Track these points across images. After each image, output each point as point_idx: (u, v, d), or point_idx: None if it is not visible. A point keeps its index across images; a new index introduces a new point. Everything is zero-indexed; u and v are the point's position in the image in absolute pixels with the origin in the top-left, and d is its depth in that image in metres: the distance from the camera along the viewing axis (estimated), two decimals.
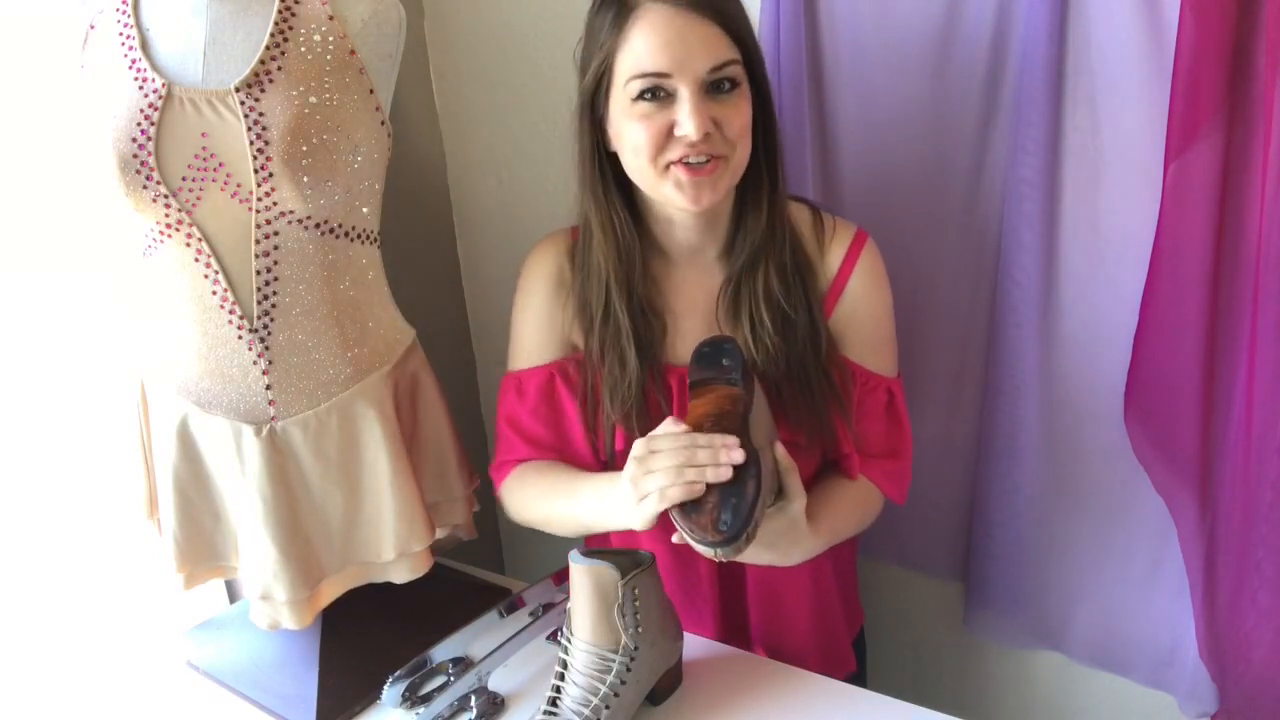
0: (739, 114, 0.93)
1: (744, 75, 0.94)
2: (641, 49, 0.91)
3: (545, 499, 1.08)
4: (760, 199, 1.01)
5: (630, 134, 0.94)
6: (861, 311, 1.07)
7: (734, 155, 0.95)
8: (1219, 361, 1.06)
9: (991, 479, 1.25)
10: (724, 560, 0.87)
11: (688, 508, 0.86)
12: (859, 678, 1.23)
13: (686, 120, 0.90)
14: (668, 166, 0.94)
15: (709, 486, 0.85)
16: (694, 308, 1.06)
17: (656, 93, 0.92)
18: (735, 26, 0.93)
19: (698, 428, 0.89)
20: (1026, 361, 1.18)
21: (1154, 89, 1.04)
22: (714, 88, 0.92)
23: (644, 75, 0.91)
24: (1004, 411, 1.22)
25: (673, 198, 0.95)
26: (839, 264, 1.06)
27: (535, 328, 1.10)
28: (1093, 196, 1.11)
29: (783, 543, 0.94)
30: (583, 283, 1.05)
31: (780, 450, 0.92)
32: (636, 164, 0.96)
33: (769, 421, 0.97)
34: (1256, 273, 0.98)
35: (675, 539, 0.89)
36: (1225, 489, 1.08)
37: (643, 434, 0.94)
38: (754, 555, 0.93)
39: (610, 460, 1.06)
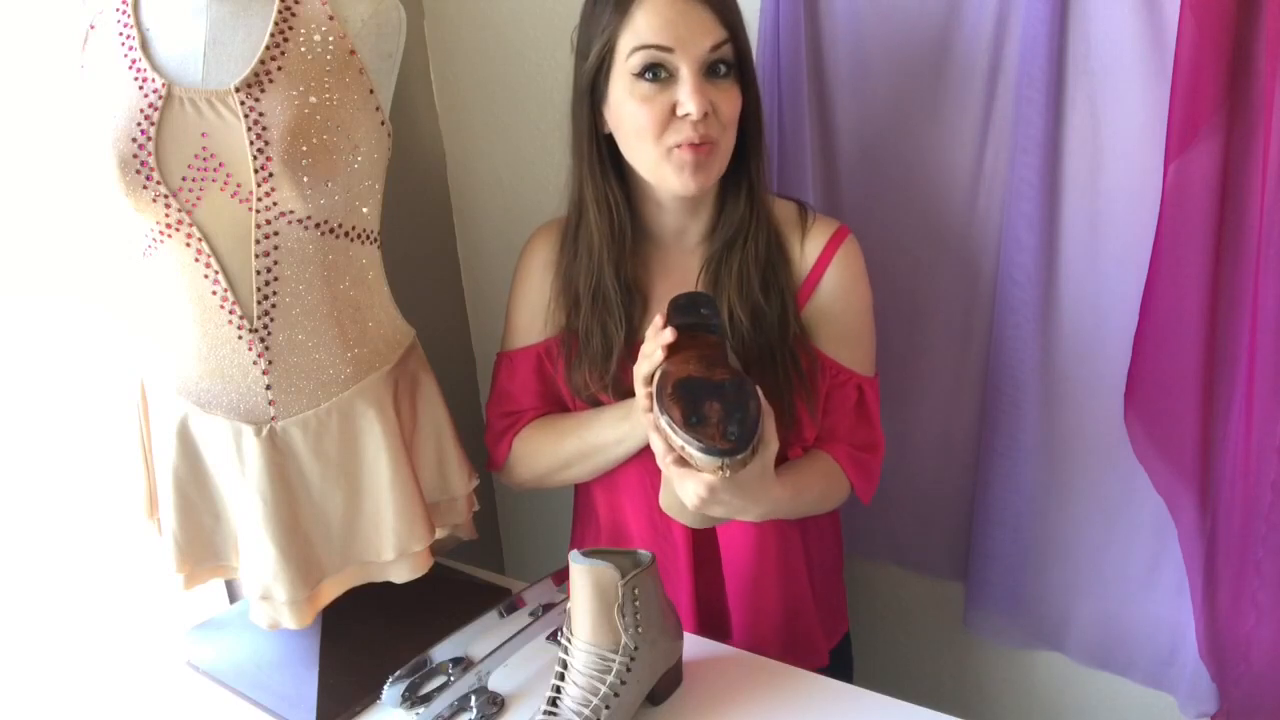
0: (732, 100, 0.98)
1: (737, 60, 0.98)
2: (645, 26, 0.95)
3: (560, 441, 1.13)
4: (740, 187, 1.05)
5: (632, 115, 0.97)
6: (836, 305, 1.09)
7: (724, 140, 0.99)
8: (1219, 361, 1.06)
9: (991, 479, 1.25)
10: (729, 473, 0.87)
11: (692, 421, 0.87)
12: (846, 659, 1.26)
13: (688, 99, 0.94)
14: (670, 150, 0.97)
15: (712, 403, 0.88)
16: (675, 291, 1.08)
17: (658, 71, 0.95)
18: (730, 17, 0.97)
19: (685, 369, 0.92)
20: (1026, 361, 1.18)
21: (1154, 89, 1.04)
22: (711, 70, 0.96)
23: (647, 47, 0.95)
24: (1004, 411, 1.22)
25: (670, 180, 0.99)
26: (816, 256, 1.08)
27: (527, 310, 1.15)
28: (1093, 197, 1.11)
29: (751, 487, 0.93)
30: (570, 262, 1.10)
31: (759, 394, 0.92)
32: (639, 146, 0.99)
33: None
34: (1256, 273, 0.98)
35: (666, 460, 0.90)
36: (1225, 489, 1.08)
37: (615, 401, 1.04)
38: (725, 500, 0.91)
39: None
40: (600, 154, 1.04)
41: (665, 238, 1.10)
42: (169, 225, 0.94)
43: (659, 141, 0.97)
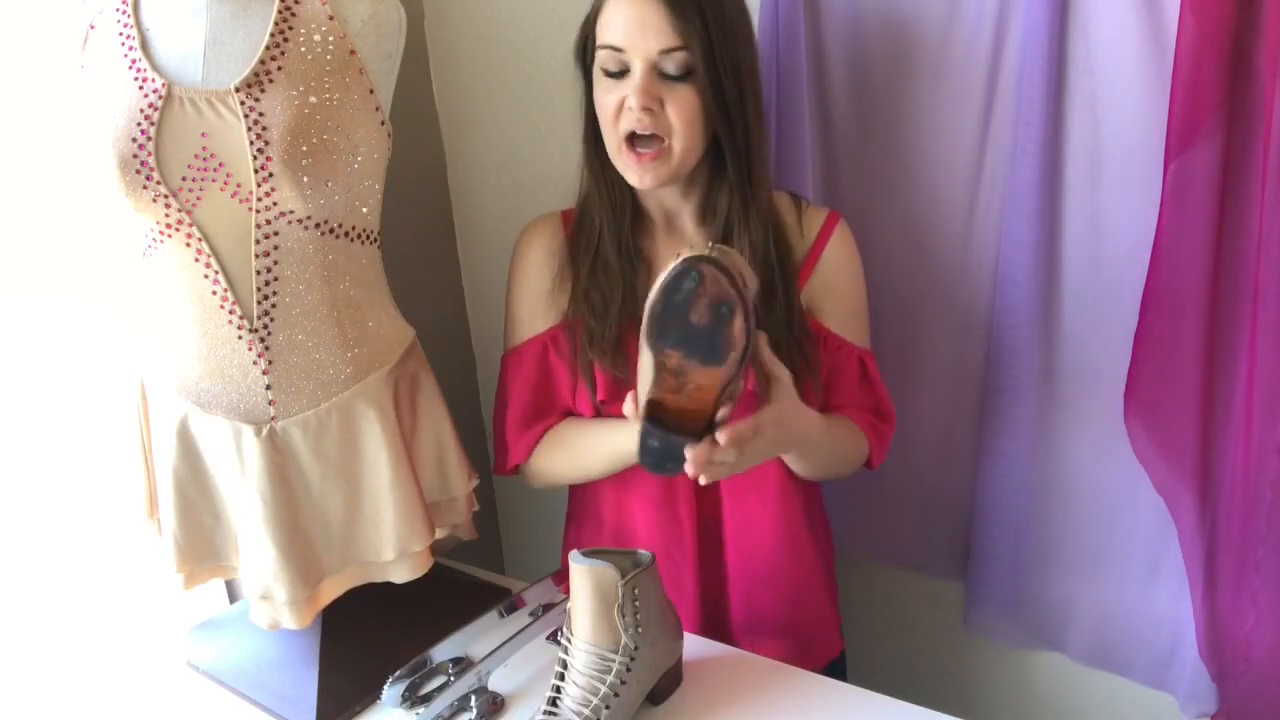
0: (685, 102, 1.00)
1: (696, 66, 0.99)
2: (608, 22, 1.01)
3: (573, 456, 1.15)
4: (725, 183, 1.06)
5: (598, 102, 1.04)
6: (838, 280, 1.12)
7: (676, 141, 1.01)
8: (1219, 362, 1.06)
9: (991, 478, 1.25)
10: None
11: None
12: (840, 670, 1.25)
13: (632, 94, 0.99)
14: (621, 144, 1.02)
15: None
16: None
17: (617, 66, 1.00)
18: (687, 24, 0.98)
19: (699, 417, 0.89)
20: (1026, 361, 1.18)
21: (1154, 89, 1.04)
22: (665, 72, 0.99)
23: (605, 46, 1.01)
24: (1004, 411, 1.22)
25: (625, 171, 1.04)
26: (814, 238, 1.12)
27: (528, 302, 1.16)
28: (1093, 197, 1.11)
29: (789, 414, 0.96)
30: (574, 234, 1.13)
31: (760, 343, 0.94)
32: (604, 130, 1.04)
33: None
34: (1256, 273, 0.98)
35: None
36: (1225, 489, 1.08)
37: (618, 374, 1.07)
38: (771, 432, 0.93)
39: (599, 410, 1.12)
40: (596, 129, 1.07)
41: (660, 218, 1.12)
42: (169, 225, 0.94)
43: (614, 129, 1.02)
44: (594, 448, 1.13)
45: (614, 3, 1.00)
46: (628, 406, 0.92)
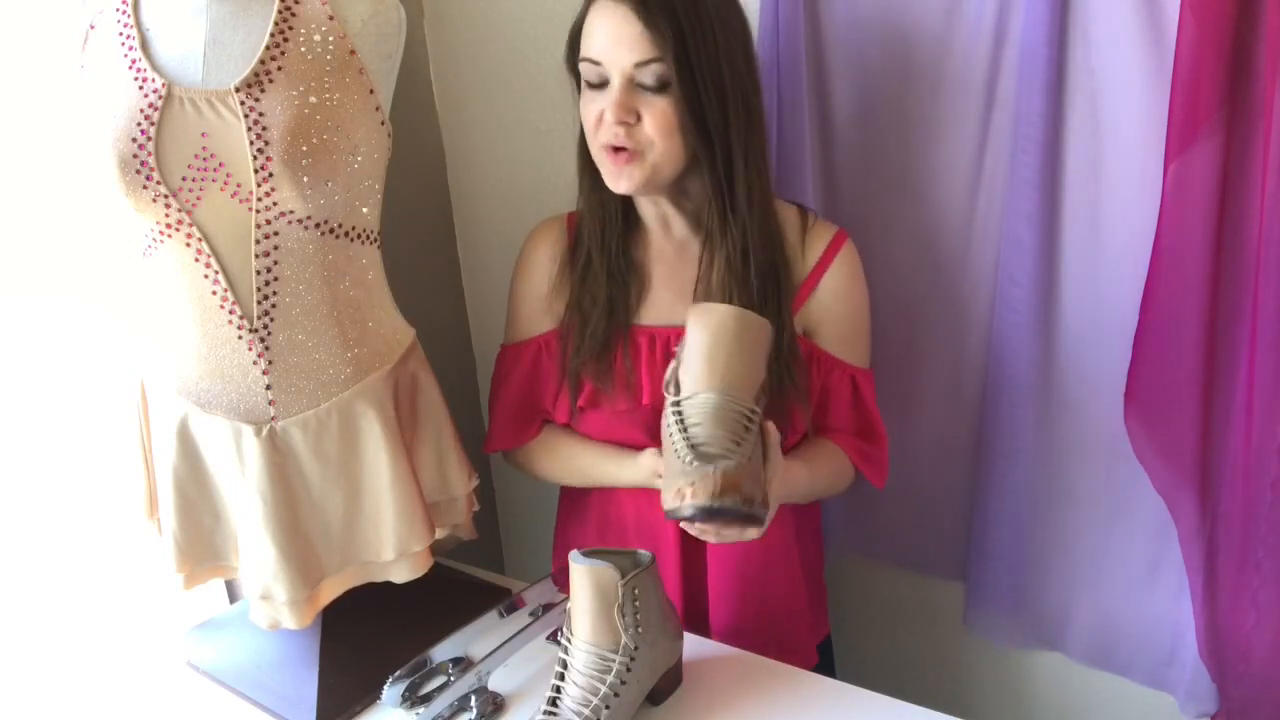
0: (660, 113, 1.00)
1: (671, 78, 0.98)
2: (589, 34, 1.01)
3: (562, 470, 1.20)
4: (705, 189, 1.06)
5: (582, 111, 1.05)
6: (837, 305, 1.12)
7: (651, 150, 1.01)
8: (1219, 361, 1.06)
9: (991, 479, 1.25)
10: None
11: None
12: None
13: (608, 108, 1.00)
14: (599, 149, 1.03)
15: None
16: (672, 278, 1.12)
17: (598, 77, 1.01)
18: (661, 32, 0.96)
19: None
20: (1026, 361, 1.18)
21: (1154, 89, 1.04)
22: (642, 83, 0.99)
23: (585, 59, 1.01)
24: (1004, 411, 1.22)
25: (605, 176, 1.05)
26: (816, 259, 1.11)
27: (527, 301, 1.18)
28: (1093, 197, 1.11)
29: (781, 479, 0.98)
30: (574, 245, 1.14)
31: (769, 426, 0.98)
32: (588, 137, 1.05)
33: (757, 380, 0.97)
34: (1256, 273, 0.98)
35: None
36: (1225, 489, 1.08)
37: (600, 385, 1.09)
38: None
39: (574, 415, 1.14)
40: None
41: (652, 224, 1.13)
42: (169, 225, 0.94)
43: (594, 138, 1.03)
44: (585, 471, 1.17)
45: (593, 15, 1.00)
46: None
